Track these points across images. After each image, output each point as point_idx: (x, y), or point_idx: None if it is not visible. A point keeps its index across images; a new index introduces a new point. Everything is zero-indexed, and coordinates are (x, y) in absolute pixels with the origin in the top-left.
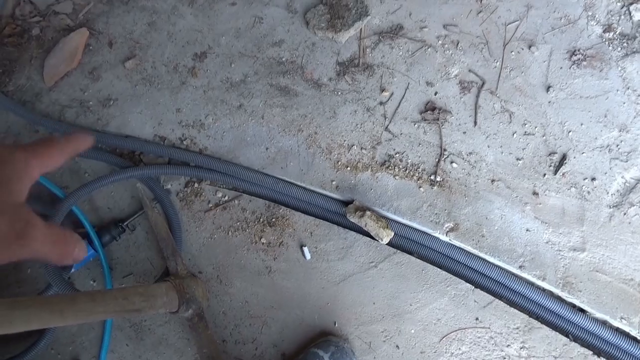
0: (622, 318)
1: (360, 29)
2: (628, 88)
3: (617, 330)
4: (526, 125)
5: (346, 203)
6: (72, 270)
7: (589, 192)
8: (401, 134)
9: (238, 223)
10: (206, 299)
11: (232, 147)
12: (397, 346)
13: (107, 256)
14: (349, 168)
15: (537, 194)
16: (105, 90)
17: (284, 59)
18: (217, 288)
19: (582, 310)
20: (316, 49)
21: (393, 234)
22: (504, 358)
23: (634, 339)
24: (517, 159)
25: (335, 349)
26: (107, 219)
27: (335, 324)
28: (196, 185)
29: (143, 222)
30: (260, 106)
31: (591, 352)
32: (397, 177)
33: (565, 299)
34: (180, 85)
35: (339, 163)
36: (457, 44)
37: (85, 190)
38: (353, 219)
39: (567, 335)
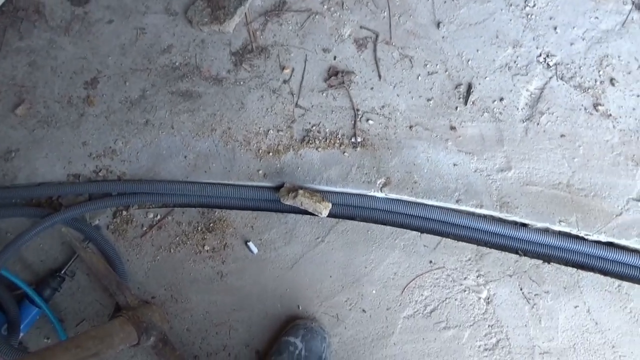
0: (560, 221)
1: (245, 14)
2: (510, 5)
3: (560, 234)
4: (427, 66)
5: (277, 188)
6: (21, 334)
7: (500, 113)
8: (312, 106)
9: (177, 238)
10: (166, 321)
11: (150, 165)
12: (363, 310)
13: (53, 309)
14: (271, 153)
15: (455, 127)
16: (2, 144)
17: (177, 64)
18: (174, 308)
19: (523, 225)
20: (207, 46)
21: (331, 205)
22: (464, 290)
23: (577, 237)
24: (428, 100)
25: (305, 331)
26: (42, 272)
27: (299, 307)
28: (124, 213)
29: (81, 266)
30: (166, 117)
31: (542, 261)
32: (319, 149)
33: (506, 218)
34: (79, 117)
35: (260, 151)
36: (342, 4)
37: (10, 251)
38: (287, 201)
39: (516, 252)
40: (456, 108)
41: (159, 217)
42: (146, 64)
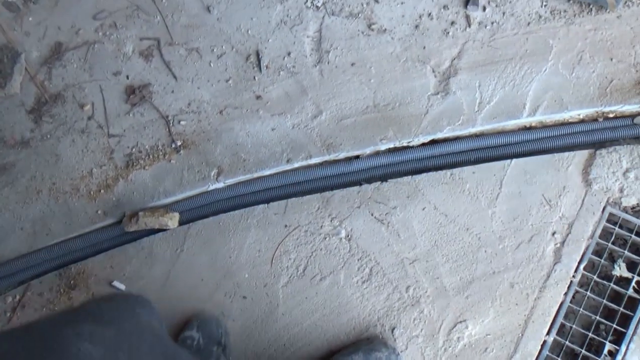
0: (381, 140)
1: (25, 69)
2: None
3: (389, 151)
4: (215, 50)
5: (121, 220)
6: None
7: (294, 66)
8: (124, 130)
9: (44, 308)
10: None
11: None
12: (244, 297)
13: None
14: (102, 191)
15: (260, 96)
16: None
17: None
18: None
19: (356, 157)
20: (1, 114)
21: (177, 214)
22: (325, 238)
23: (402, 147)
24: (227, 81)
25: (198, 322)
26: None
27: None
28: None
29: None
30: None
31: (379, 182)
32: (147, 167)
33: (337, 158)
34: None
35: (92, 192)
36: (115, 24)
37: None
38: (132, 228)
39: (359, 184)
40: (254, 78)
41: (17, 297)
42: None
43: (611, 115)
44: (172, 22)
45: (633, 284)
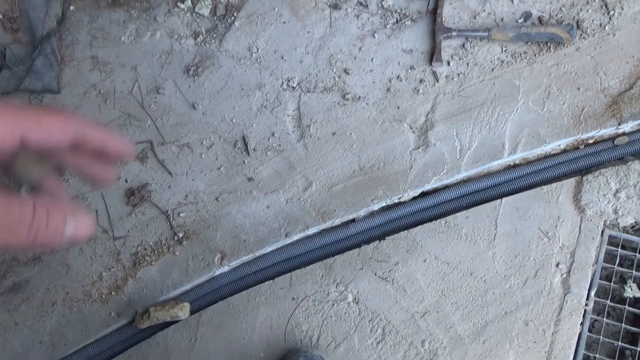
0: (372, 201)
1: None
2: (239, 60)
3: (382, 209)
4: (204, 143)
5: (134, 320)
6: None
7: (279, 145)
8: (128, 231)
9: None
10: None
11: None
12: None
13: None
14: (113, 293)
15: (251, 177)
16: None
17: None
18: None
19: (352, 221)
20: None
21: (188, 304)
22: (333, 304)
23: (395, 204)
24: (219, 169)
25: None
26: None
27: None
28: None
29: None
30: (7, 317)
31: (378, 241)
32: (153, 263)
33: (334, 224)
34: None
35: (104, 296)
36: None
37: None
38: (145, 325)
39: (358, 246)
40: (244, 162)
41: None
42: None
43: (591, 141)
44: (162, 123)
45: None
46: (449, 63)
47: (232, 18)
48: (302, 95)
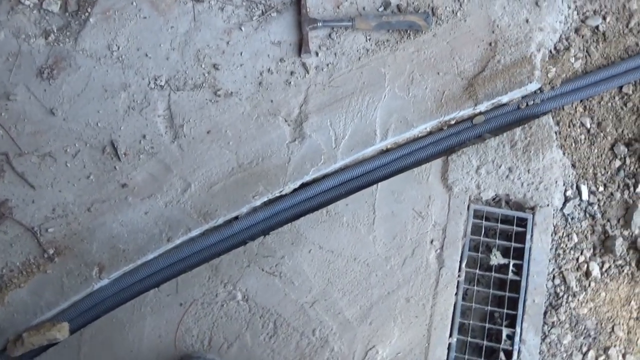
0: (254, 197)
1: None
2: (99, 59)
3: (265, 205)
4: (68, 150)
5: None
6: None
7: (152, 147)
8: None
9: None
10: None
11: None
12: None
13: None
14: None
15: (125, 183)
16: None
17: None
18: None
19: (235, 218)
20: None
21: (67, 323)
22: (223, 305)
23: (277, 198)
24: (88, 177)
25: None
26: None
27: None
28: None
29: None
30: None
31: (262, 236)
32: (22, 285)
33: (217, 224)
34: None
35: None
36: None
37: None
38: (19, 352)
39: (243, 243)
40: (115, 167)
41: None
42: None
43: (453, 122)
44: (17, 132)
45: (511, 267)
46: (317, 54)
47: (87, 14)
48: (172, 93)
